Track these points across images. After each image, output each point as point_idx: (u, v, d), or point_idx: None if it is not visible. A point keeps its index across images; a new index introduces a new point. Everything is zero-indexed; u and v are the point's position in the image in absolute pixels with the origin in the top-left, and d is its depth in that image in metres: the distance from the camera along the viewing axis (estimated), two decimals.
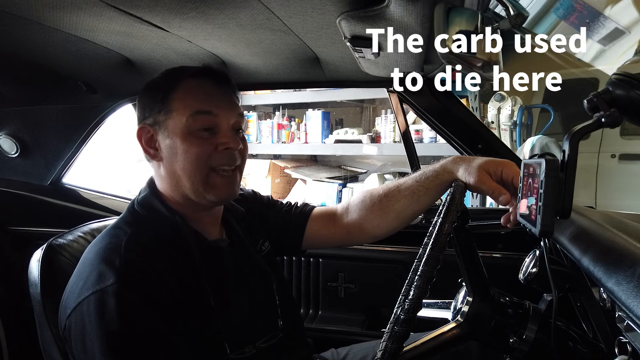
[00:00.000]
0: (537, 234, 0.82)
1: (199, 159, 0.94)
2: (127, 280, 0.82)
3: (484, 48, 0.82)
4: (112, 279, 0.82)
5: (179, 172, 0.95)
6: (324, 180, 3.99)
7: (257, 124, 4.34)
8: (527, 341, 0.89)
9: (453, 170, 1.00)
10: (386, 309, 0.83)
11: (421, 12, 0.83)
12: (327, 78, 1.52)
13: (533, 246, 1.06)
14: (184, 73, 0.97)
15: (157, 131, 0.95)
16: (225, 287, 0.99)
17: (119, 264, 0.84)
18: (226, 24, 1.05)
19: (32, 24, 1.08)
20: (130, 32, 1.13)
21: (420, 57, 1.15)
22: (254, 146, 4.34)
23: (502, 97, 3.24)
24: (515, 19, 0.75)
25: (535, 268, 1.00)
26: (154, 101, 0.96)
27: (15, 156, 1.93)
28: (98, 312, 0.80)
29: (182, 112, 0.93)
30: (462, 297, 1.01)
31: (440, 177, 1.02)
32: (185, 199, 0.97)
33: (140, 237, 0.92)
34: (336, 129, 4.09)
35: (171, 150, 0.94)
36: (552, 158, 0.80)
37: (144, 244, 0.91)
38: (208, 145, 0.94)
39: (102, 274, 0.83)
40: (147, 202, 1.00)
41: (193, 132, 0.93)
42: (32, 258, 1.07)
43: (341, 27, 0.96)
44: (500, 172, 0.95)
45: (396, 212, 1.09)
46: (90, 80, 1.65)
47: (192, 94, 0.95)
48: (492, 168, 0.95)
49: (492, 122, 3.28)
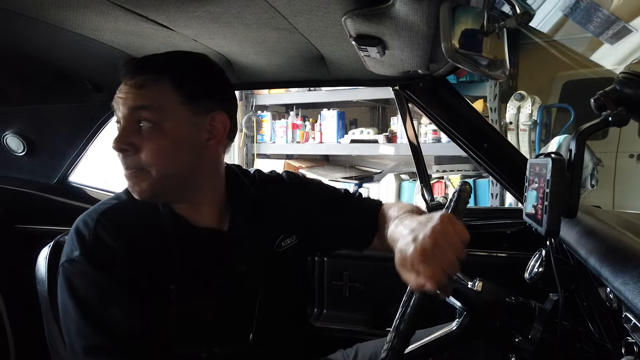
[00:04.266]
0: (543, 233, 0.81)
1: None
2: (89, 254, 0.90)
3: (490, 47, 0.81)
4: (78, 252, 0.90)
5: None
6: (339, 180, 3.94)
7: (271, 124, 4.30)
8: (532, 341, 0.89)
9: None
10: (391, 308, 0.83)
11: (427, 11, 0.82)
12: (332, 77, 1.52)
13: (539, 246, 1.06)
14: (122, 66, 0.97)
15: None
16: (199, 279, 0.98)
17: (86, 236, 0.91)
18: (231, 22, 1.05)
19: (39, 23, 1.09)
20: (135, 31, 1.13)
21: (425, 55, 1.15)
22: (268, 146, 4.31)
23: (522, 97, 3.16)
24: (522, 18, 0.74)
25: (541, 268, 0.99)
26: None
27: (22, 155, 1.94)
28: (66, 280, 0.90)
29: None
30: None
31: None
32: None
33: (116, 212, 0.96)
34: (351, 129, 4.05)
35: None
36: (558, 157, 0.80)
37: (117, 220, 0.94)
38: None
39: (73, 247, 0.92)
40: None
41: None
42: (39, 255, 1.08)
43: (346, 25, 0.96)
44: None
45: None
46: (96, 79, 1.66)
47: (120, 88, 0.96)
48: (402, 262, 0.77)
49: (510, 122, 3.21)
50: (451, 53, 0.79)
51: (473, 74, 3.21)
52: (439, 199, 1.76)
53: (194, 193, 1.01)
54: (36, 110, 1.88)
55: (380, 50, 1.05)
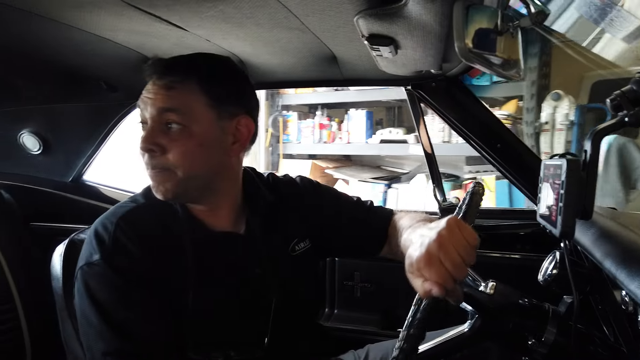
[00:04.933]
0: (558, 235, 0.80)
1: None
2: (109, 258, 0.90)
3: (504, 46, 0.81)
4: (97, 255, 0.90)
5: None
6: (368, 181, 3.86)
7: (297, 123, 4.25)
8: (546, 343, 0.88)
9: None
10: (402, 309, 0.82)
11: (440, 10, 0.82)
12: (344, 77, 1.52)
13: (553, 247, 1.05)
14: (149, 68, 0.98)
15: None
16: (215, 283, 0.98)
17: (106, 240, 0.91)
18: (244, 22, 1.05)
19: (55, 24, 1.10)
20: (149, 31, 1.14)
21: (438, 55, 1.14)
22: (294, 146, 4.25)
23: (558, 96, 3.06)
24: (536, 17, 0.73)
25: (555, 270, 0.98)
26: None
27: (38, 153, 1.97)
28: (85, 284, 0.90)
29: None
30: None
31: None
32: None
33: (136, 215, 0.97)
34: (377, 129, 3.99)
35: None
36: (574, 158, 0.79)
37: (136, 224, 0.95)
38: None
39: (92, 250, 0.92)
40: None
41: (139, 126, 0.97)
42: (54, 253, 1.09)
43: (358, 25, 0.96)
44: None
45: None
46: (110, 79, 1.68)
47: (146, 89, 0.96)
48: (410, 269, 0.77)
49: (546, 122, 3.11)
50: (464, 52, 0.78)
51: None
52: (452, 200, 1.74)
53: (214, 196, 1.01)
54: (52, 109, 1.91)
55: (393, 50, 1.04)
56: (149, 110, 0.93)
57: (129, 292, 0.89)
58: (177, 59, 1.00)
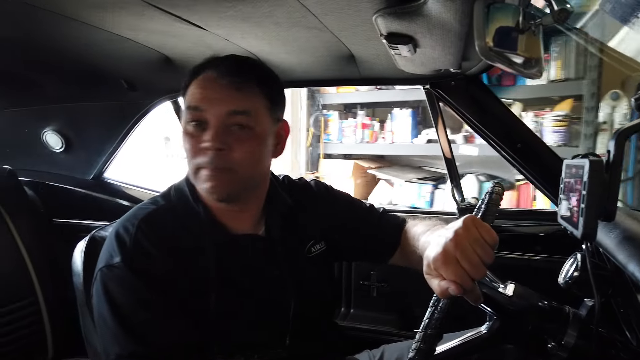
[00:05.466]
0: (579, 236, 0.79)
1: (188, 155, 0.95)
2: (130, 261, 0.89)
3: (526, 45, 0.79)
4: (118, 258, 0.90)
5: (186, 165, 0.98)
6: (414, 181, 3.74)
7: (338, 123, 4.10)
8: (566, 347, 0.86)
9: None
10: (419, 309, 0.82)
11: (460, 8, 0.81)
12: (362, 75, 1.52)
13: (574, 249, 1.03)
14: (203, 66, 0.97)
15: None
16: (236, 285, 0.98)
17: (127, 243, 0.91)
18: (262, 22, 1.06)
19: (77, 24, 1.12)
20: (169, 30, 1.15)
21: (457, 54, 1.13)
22: (334, 146, 4.15)
23: (617, 96, 2.96)
24: (559, 15, 0.72)
25: (576, 272, 0.97)
26: (183, 95, 0.98)
27: (61, 151, 2.01)
28: (104, 286, 0.90)
29: (186, 107, 0.95)
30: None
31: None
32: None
33: (157, 218, 0.96)
34: (420, 129, 3.83)
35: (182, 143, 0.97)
36: (596, 159, 0.78)
37: (158, 227, 0.95)
38: (195, 142, 0.92)
39: (113, 252, 0.91)
40: (180, 189, 1.03)
41: (186, 127, 0.94)
42: (76, 249, 1.11)
43: (377, 24, 0.95)
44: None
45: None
46: (131, 78, 1.70)
47: (194, 87, 0.94)
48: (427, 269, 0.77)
49: (604, 122, 3.01)
50: (485, 51, 0.77)
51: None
52: (470, 200, 1.73)
53: (250, 197, 1.02)
54: (74, 108, 1.94)
55: (412, 49, 1.03)
56: (214, 110, 0.91)
57: (147, 296, 0.89)
58: (234, 58, 1.00)
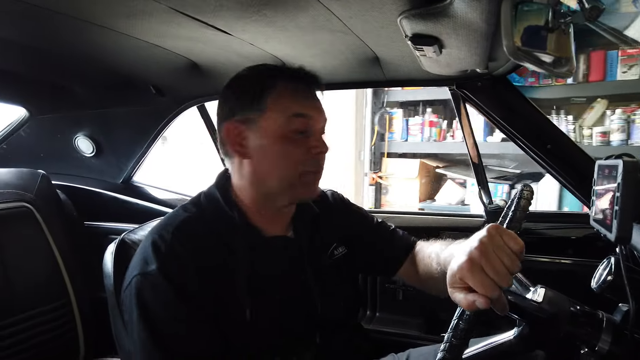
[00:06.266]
0: (613, 239, 0.77)
1: (292, 162, 0.96)
2: (165, 268, 0.89)
3: (555, 44, 0.78)
4: (154, 265, 0.89)
5: (267, 171, 0.97)
6: (491, 181, 3.63)
7: (403, 121, 3.99)
8: (600, 353, 0.84)
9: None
10: (445, 313, 0.80)
11: (487, 8, 0.80)
12: (387, 77, 1.51)
13: (607, 253, 1.00)
14: (280, 74, 0.98)
15: (247, 129, 0.96)
16: (269, 286, 0.99)
17: (163, 251, 0.90)
18: (287, 26, 1.06)
19: (108, 32, 1.15)
20: (196, 36, 1.17)
21: (484, 54, 1.11)
22: (399, 144, 4.04)
23: None
24: (590, 12, 0.70)
25: (610, 276, 0.94)
26: (246, 99, 0.96)
27: (92, 156, 2.07)
28: (137, 293, 0.89)
29: (278, 114, 0.94)
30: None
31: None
32: (262, 196, 1.00)
33: (190, 225, 0.97)
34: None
35: (262, 150, 0.96)
36: (631, 159, 0.75)
37: (193, 235, 0.95)
38: (301, 149, 0.96)
39: (148, 259, 0.90)
40: (210, 194, 1.04)
41: (287, 134, 0.95)
42: (106, 252, 1.14)
43: (402, 25, 0.95)
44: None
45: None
46: (159, 83, 1.74)
47: (288, 96, 0.96)
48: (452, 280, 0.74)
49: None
50: (513, 51, 0.76)
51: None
52: (498, 202, 1.70)
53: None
54: (104, 113, 2.00)
55: (437, 50, 1.03)
56: (320, 117, 1.00)
57: (180, 306, 0.88)
58: (303, 68, 1.03)
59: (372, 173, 4.08)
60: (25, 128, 2.06)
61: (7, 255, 1.54)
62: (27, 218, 1.64)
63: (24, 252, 1.59)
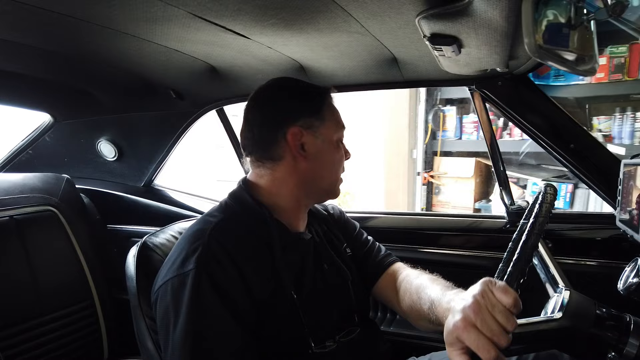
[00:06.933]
0: None
1: (338, 166, 1.12)
2: (204, 268, 0.90)
3: (578, 41, 0.76)
4: (192, 265, 0.90)
5: (319, 172, 1.08)
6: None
7: (456, 119, 3.81)
8: (627, 357, 0.81)
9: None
10: None
11: (507, 6, 0.78)
12: (405, 78, 1.50)
13: (634, 254, 0.97)
14: (328, 89, 1.13)
15: (307, 133, 1.05)
16: (307, 279, 1.05)
17: (201, 252, 0.92)
18: (304, 28, 1.07)
19: (128, 37, 1.17)
20: (215, 41, 1.18)
21: (504, 53, 1.10)
22: (452, 143, 3.86)
23: None
24: (614, 8, 0.69)
25: (637, 278, 0.91)
26: (307, 107, 1.07)
27: (114, 160, 2.11)
28: (175, 294, 0.90)
29: (332, 123, 1.09)
30: (551, 308, 0.95)
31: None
32: (305, 195, 1.09)
33: (226, 226, 1.00)
34: None
35: (319, 153, 1.07)
36: None
37: (228, 233, 0.98)
38: (341, 154, 1.12)
39: (186, 260, 0.92)
40: (237, 195, 1.09)
41: (337, 142, 1.11)
42: (129, 254, 1.15)
43: (420, 25, 0.94)
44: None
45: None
46: (178, 88, 1.76)
47: (335, 109, 1.12)
48: (450, 339, 0.74)
49: None
50: (534, 49, 0.75)
51: None
52: (520, 203, 1.67)
53: None
54: (126, 118, 2.03)
55: (456, 49, 1.01)
56: (344, 130, 1.14)
57: (215, 310, 0.89)
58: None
59: (424, 172, 3.99)
60: (49, 133, 2.11)
61: (33, 258, 1.57)
62: (52, 221, 1.68)
63: (49, 254, 1.63)
